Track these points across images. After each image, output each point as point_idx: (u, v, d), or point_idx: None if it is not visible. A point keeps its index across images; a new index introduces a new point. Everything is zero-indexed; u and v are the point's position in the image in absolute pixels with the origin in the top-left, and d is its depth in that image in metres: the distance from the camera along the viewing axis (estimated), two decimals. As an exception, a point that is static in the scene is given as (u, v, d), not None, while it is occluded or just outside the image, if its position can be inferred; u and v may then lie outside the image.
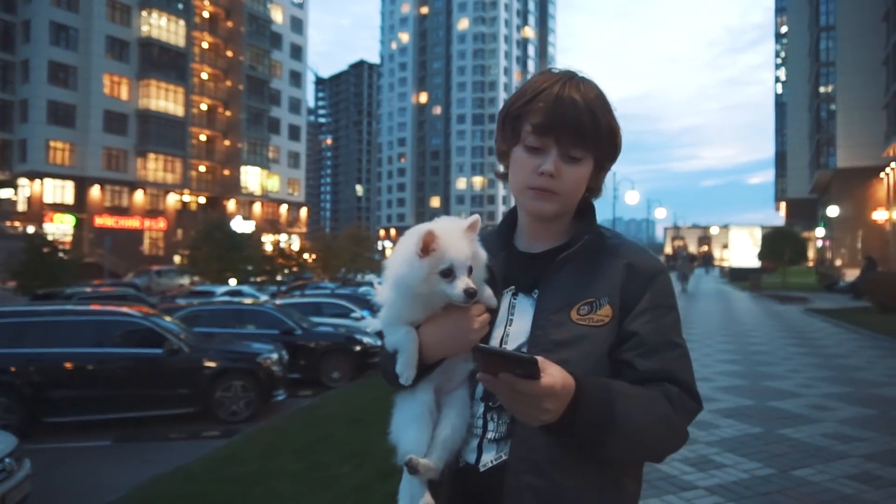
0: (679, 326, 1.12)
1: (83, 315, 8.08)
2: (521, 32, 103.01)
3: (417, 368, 1.10)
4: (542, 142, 1.08)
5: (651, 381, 1.04)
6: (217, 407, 7.57)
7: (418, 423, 1.10)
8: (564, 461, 1.01)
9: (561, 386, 0.89)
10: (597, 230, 1.15)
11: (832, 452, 4.67)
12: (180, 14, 50.10)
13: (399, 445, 1.13)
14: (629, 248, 1.14)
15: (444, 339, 1.10)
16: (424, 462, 1.07)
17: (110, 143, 45.93)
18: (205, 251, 28.41)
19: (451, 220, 1.12)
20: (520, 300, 1.14)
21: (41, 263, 21.78)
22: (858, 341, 10.97)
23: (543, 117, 1.07)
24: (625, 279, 1.09)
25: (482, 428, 1.10)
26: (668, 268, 7.13)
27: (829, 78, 44.46)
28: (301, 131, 64.96)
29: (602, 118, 1.08)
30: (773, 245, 26.18)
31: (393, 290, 1.12)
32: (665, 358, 1.06)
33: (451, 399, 1.13)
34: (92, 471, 5.84)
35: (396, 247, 1.13)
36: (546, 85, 1.09)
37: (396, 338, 1.12)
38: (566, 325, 1.06)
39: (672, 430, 1.03)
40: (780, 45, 77.90)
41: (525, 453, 1.03)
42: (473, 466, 1.08)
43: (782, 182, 72.14)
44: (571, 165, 1.09)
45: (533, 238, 1.19)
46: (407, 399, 1.15)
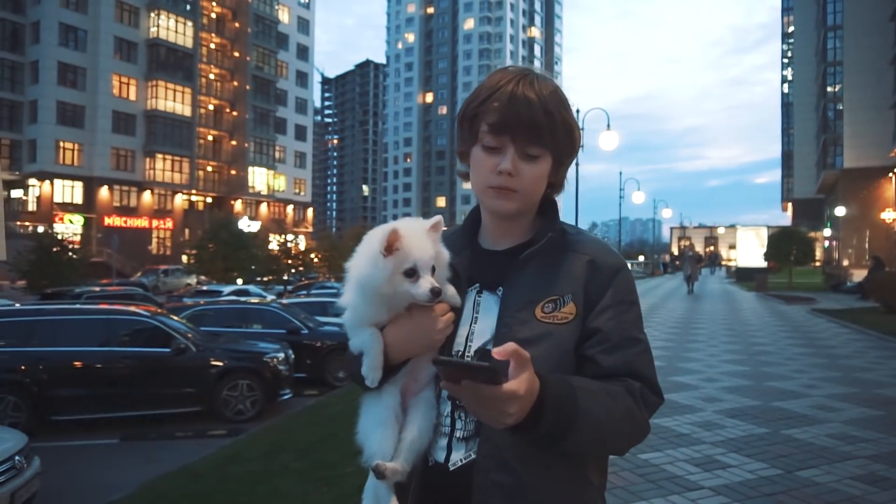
0: (640, 322, 1.13)
1: (91, 314, 8.15)
2: (526, 32, 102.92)
3: (383, 370, 1.10)
4: (499, 141, 1.08)
5: (614, 377, 1.06)
6: (223, 406, 7.61)
7: (384, 427, 1.10)
8: (531, 458, 1.02)
9: (525, 390, 0.89)
10: (559, 227, 1.16)
11: (838, 453, 4.66)
12: (187, 15, 50.31)
13: (365, 448, 1.12)
14: (591, 244, 1.15)
15: (409, 340, 1.10)
16: (391, 466, 1.07)
17: (118, 144, 46.18)
18: (211, 251, 28.51)
19: (414, 220, 1.12)
20: (484, 298, 1.14)
21: (50, 263, 21.90)
22: (865, 342, 10.91)
23: (499, 116, 1.07)
24: (587, 276, 1.10)
25: (450, 426, 1.10)
26: (674, 268, 7.05)
27: (836, 78, 44.22)
28: (307, 131, 65.10)
29: (557, 115, 1.08)
30: (779, 245, 26.06)
31: (356, 291, 1.12)
32: (627, 354, 1.07)
33: (418, 400, 1.13)
34: (99, 468, 5.88)
35: (359, 247, 1.13)
36: (501, 84, 1.09)
37: (361, 340, 1.12)
38: (531, 322, 1.07)
39: (634, 425, 1.05)
40: (787, 44, 77.50)
41: (493, 451, 1.04)
42: (443, 465, 1.09)
43: (788, 182, 71.79)
44: (529, 163, 1.09)
45: (496, 236, 1.19)
46: (373, 401, 1.15)
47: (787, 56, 77.73)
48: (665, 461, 4.51)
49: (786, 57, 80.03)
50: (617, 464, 4.44)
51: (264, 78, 57.15)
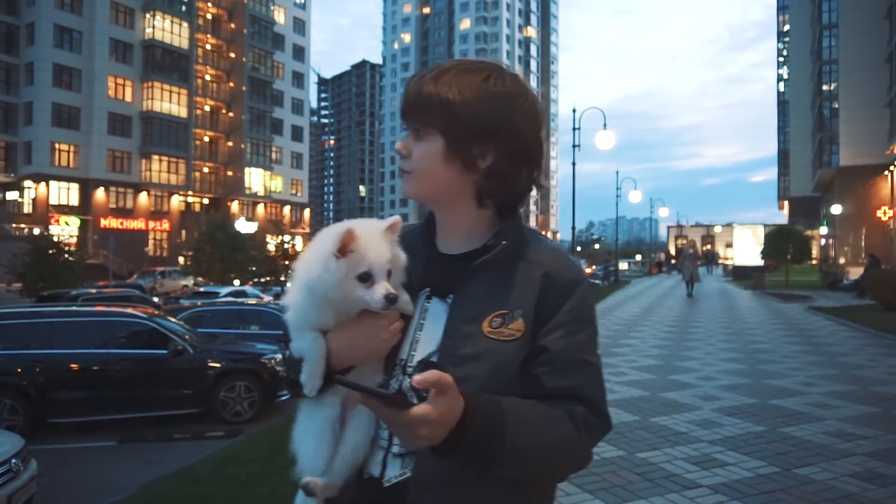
0: (594, 343, 1.07)
1: (88, 316, 8.13)
2: (523, 32, 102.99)
3: (324, 377, 1.05)
4: (404, 126, 1.11)
5: (558, 399, 1.00)
6: (221, 407, 7.60)
7: (319, 440, 1.05)
8: (467, 480, 0.97)
9: (439, 414, 0.85)
10: (517, 233, 1.08)
11: (835, 451, 4.67)
12: (183, 16, 50.23)
13: (298, 461, 1.07)
14: (549, 254, 1.08)
15: (354, 347, 1.04)
16: (322, 484, 1.02)
17: (114, 145, 46.09)
18: (208, 252, 28.50)
19: (370, 221, 1.06)
20: (433, 304, 1.09)
21: (46, 265, 21.87)
22: (861, 339, 10.94)
23: (400, 105, 1.11)
24: (541, 290, 1.04)
25: (388, 440, 1.05)
26: (671, 268, 7.03)
27: (831, 76, 44.37)
28: (304, 132, 65.06)
29: (429, 88, 1.04)
30: (775, 243, 26.11)
31: (303, 292, 1.05)
32: (575, 377, 1.02)
33: (357, 412, 1.06)
34: (97, 471, 5.87)
35: (310, 246, 1.06)
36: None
37: (302, 344, 1.05)
38: (476, 337, 1.01)
39: (571, 452, 1.01)
40: (782, 43, 77.71)
41: (428, 471, 0.99)
42: (377, 480, 1.05)
43: (785, 180, 71.99)
44: (418, 142, 1.07)
45: (449, 237, 1.13)
46: (311, 410, 1.09)
47: (783, 54, 77.93)
48: (663, 460, 4.52)
49: (781, 55, 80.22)
50: (615, 463, 4.45)
51: (260, 79, 57.09)
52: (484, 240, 1.10)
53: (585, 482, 4.07)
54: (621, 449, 4.76)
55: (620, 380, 7.42)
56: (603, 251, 68.23)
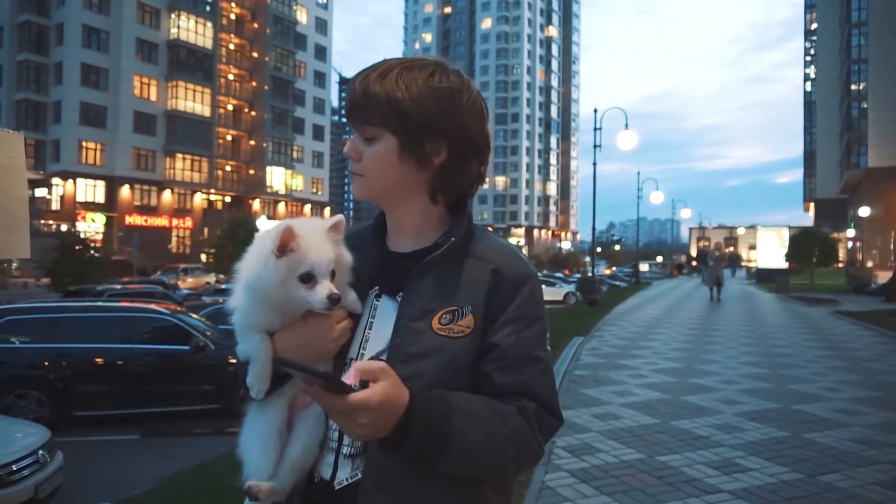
0: (544, 339, 1.07)
1: (113, 311, 8.28)
2: (544, 31, 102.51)
3: (271, 379, 1.04)
4: (350, 127, 1.10)
5: (509, 396, 1.00)
6: (241, 403, 7.66)
7: (264, 444, 1.03)
8: (418, 479, 0.97)
9: (377, 402, 0.85)
10: (467, 230, 1.08)
11: (860, 458, 4.58)
12: (207, 16, 50.86)
13: (243, 465, 1.05)
14: (498, 251, 1.08)
15: (301, 348, 1.02)
16: (267, 488, 1.00)
17: (139, 144, 46.86)
18: (229, 249, 28.81)
19: (312, 220, 1.04)
20: (382, 303, 1.08)
21: (73, 261, 22.28)
22: (890, 345, 10.71)
23: (345, 106, 1.09)
24: (491, 286, 1.03)
25: (338, 441, 1.04)
26: (690, 269, 6.96)
27: (860, 75, 43.47)
28: (325, 131, 65.50)
29: (376, 87, 1.02)
30: (800, 246, 25.68)
31: (246, 294, 1.03)
32: (525, 373, 1.01)
33: (305, 415, 1.05)
34: (119, 464, 5.97)
35: (251, 247, 1.04)
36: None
37: (248, 346, 1.04)
38: (426, 334, 1.01)
39: (521, 448, 0.99)
40: (810, 42, 76.33)
41: (377, 471, 0.98)
42: (328, 483, 1.03)
43: (811, 182, 70.70)
44: (369, 145, 1.06)
45: (400, 236, 1.13)
46: (257, 413, 1.07)
47: (810, 54, 76.53)
48: (683, 464, 4.47)
49: (808, 54, 78.79)
50: (634, 465, 4.41)
51: (282, 78, 57.58)
52: (435, 237, 1.09)
53: (603, 485, 4.04)
54: (641, 452, 4.72)
55: (640, 382, 7.35)
56: (623, 252, 67.65)
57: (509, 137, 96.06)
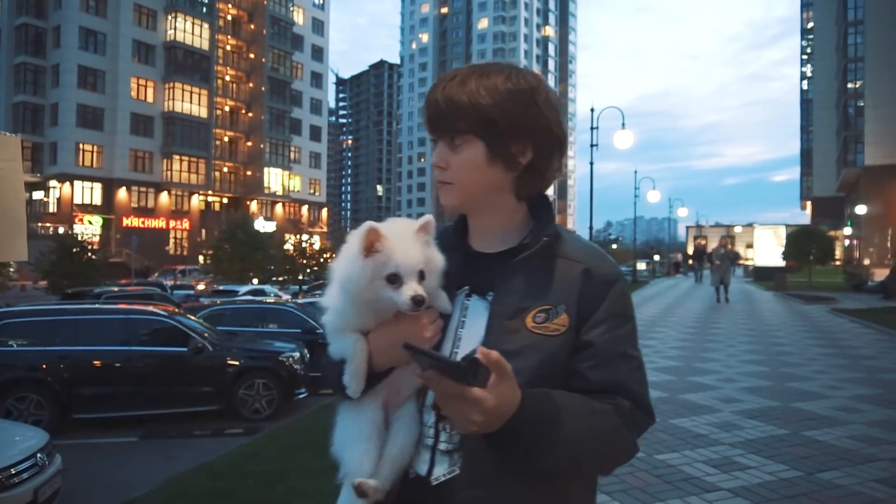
0: (635, 337, 1.09)
1: (111, 314, 8.27)
2: (541, 31, 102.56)
3: (366, 379, 1.06)
4: (433, 137, 1.11)
5: (603, 393, 1.02)
6: (240, 405, 7.67)
7: (367, 443, 1.04)
8: (515, 475, 0.98)
9: (495, 403, 0.87)
10: (555, 231, 1.10)
11: (860, 455, 4.59)
12: (204, 17, 50.83)
13: (344, 464, 1.07)
14: (587, 251, 1.10)
15: (394, 348, 1.01)
16: (373, 485, 1.01)
17: (137, 145, 46.82)
18: (228, 251, 28.79)
19: (402, 221, 1.05)
20: (473, 302, 1.09)
21: (71, 263, 22.28)
22: (888, 342, 10.72)
23: (424, 116, 1.10)
24: (582, 286, 1.05)
25: (433, 438, 1.05)
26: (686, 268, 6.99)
27: (857, 74, 43.54)
28: (322, 132, 65.46)
29: (459, 95, 1.05)
30: (798, 244, 25.67)
31: (340, 293, 1.05)
32: (618, 370, 1.03)
33: (400, 414, 1.07)
34: (120, 466, 5.96)
35: (343, 246, 1.06)
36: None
37: (344, 346, 1.05)
38: (520, 332, 1.02)
39: (618, 445, 1.02)
40: (806, 40, 76.45)
41: (475, 466, 0.99)
42: (424, 479, 1.04)
43: (808, 180, 70.83)
44: (456, 153, 1.07)
45: (483, 237, 1.14)
46: (353, 412, 1.09)
47: (807, 52, 76.65)
48: (683, 462, 4.47)
49: (805, 53, 78.90)
50: (634, 465, 4.41)
51: (280, 79, 57.55)
52: (519, 237, 1.12)
53: (602, 484, 4.04)
54: (640, 450, 4.72)
55: (639, 381, 7.35)
56: (621, 251, 67.69)
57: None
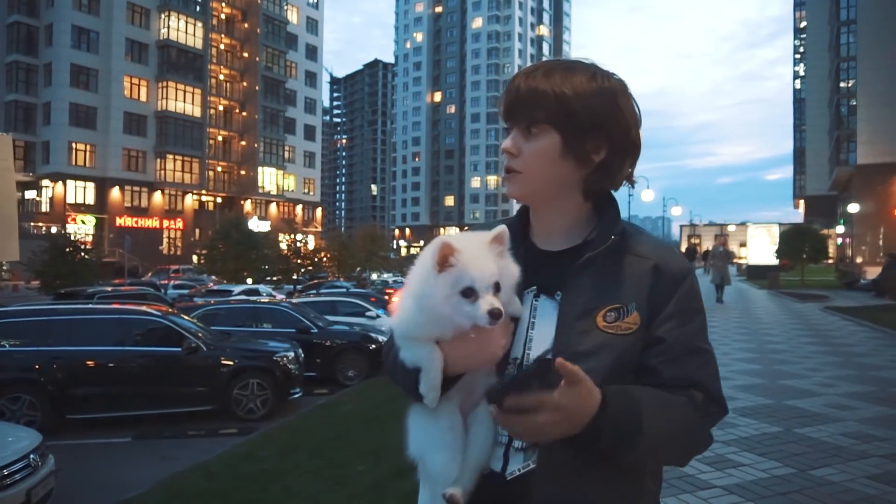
0: (705, 330, 1.09)
1: (105, 314, 8.23)
2: (535, 30, 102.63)
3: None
4: (509, 126, 1.10)
5: (676, 388, 1.02)
6: (234, 405, 7.65)
7: (450, 451, 1.04)
8: (590, 469, 0.99)
9: (571, 404, 0.89)
10: (622, 228, 1.09)
11: (853, 452, 4.61)
12: (198, 16, 50.65)
13: (430, 471, 1.07)
14: (656, 247, 1.09)
15: (469, 356, 1.03)
16: (461, 495, 1.02)
17: (130, 145, 46.61)
18: (222, 251, 28.68)
19: (474, 233, 1.03)
20: (542, 302, 1.08)
21: (64, 263, 22.13)
22: (881, 340, 10.80)
23: (502, 103, 1.10)
24: (652, 282, 1.04)
25: (508, 436, 1.05)
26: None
27: (849, 73, 43.77)
28: (316, 131, 65.34)
29: (543, 85, 1.04)
30: (791, 242, 25.80)
31: (414, 307, 1.04)
32: (690, 365, 1.03)
33: (475, 416, 1.07)
34: (113, 467, 5.94)
35: (418, 258, 1.06)
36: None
37: (419, 355, 1.04)
38: (592, 332, 1.02)
39: (695, 437, 1.03)
40: (799, 39, 76.80)
41: (551, 463, 1.00)
42: (500, 475, 1.05)
43: (801, 179, 71.17)
44: (529, 141, 1.06)
45: (547, 234, 1.13)
46: (430, 417, 1.08)
47: (800, 51, 77.01)
48: (677, 460, 4.49)
49: (798, 52, 79.28)
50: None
51: (274, 78, 57.40)
52: (583, 234, 1.11)
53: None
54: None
55: (634, 379, 7.37)
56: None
57: (501, 136, 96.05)
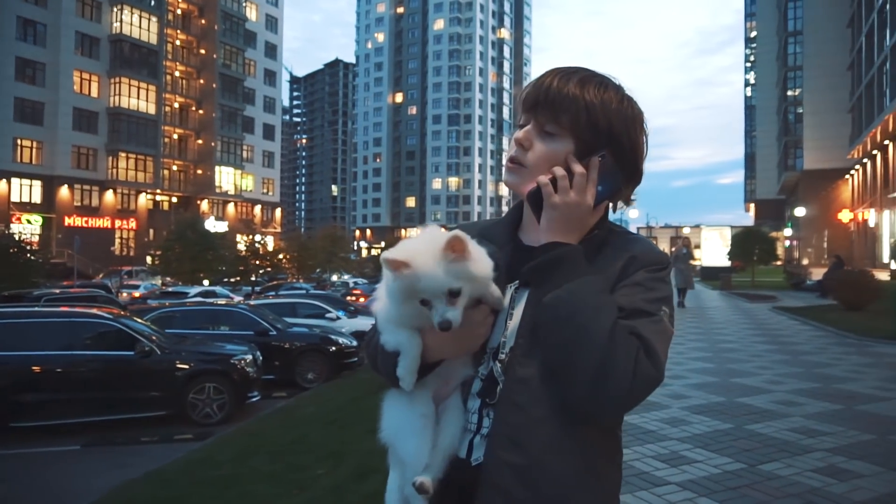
0: (665, 309, 1.06)
1: (52, 317, 7.93)
2: (496, 34, 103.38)
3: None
4: (526, 117, 1.11)
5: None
6: (190, 409, 7.47)
7: (420, 437, 1.08)
8: (545, 439, 1.02)
9: (566, 199, 1.04)
10: (607, 226, 1.13)
11: (799, 446, 4.78)
12: (152, 11, 49.26)
13: (400, 455, 1.10)
14: (637, 242, 1.12)
15: (448, 345, 1.07)
16: (431, 481, 1.05)
17: (80, 142, 44.97)
18: (177, 251, 28.00)
19: (429, 239, 1.03)
20: (520, 294, 1.12)
21: (7, 264, 21.22)
22: (825, 338, 11.23)
23: (525, 95, 1.11)
24: (624, 267, 1.07)
25: (477, 424, 1.09)
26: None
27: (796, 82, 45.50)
28: (276, 130, 64.34)
29: (582, 99, 1.06)
30: (742, 245, 26.65)
31: (389, 300, 1.08)
32: (637, 321, 1.01)
33: (448, 405, 1.11)
34: (61, 476, 5.72)
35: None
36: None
37: (399, 340, 1.08)
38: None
39: (625, 351, 0.97)
40: (750, 48, 79.43)
41: (505, 430, 1.04)
42: (465, 461, 1.08)
43: (752, 183, 73.61)
44: (544, 140, 1.09)
45: (536, 230, 1.14)
46: (404, 403, 1.11)
47: (750, 60, 79.63)
48: (633, 458, 4.58)
49: (749, 61, 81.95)
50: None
51: (232, 76, 56.29)
52: None
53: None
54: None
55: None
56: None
57: (462, 138, 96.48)
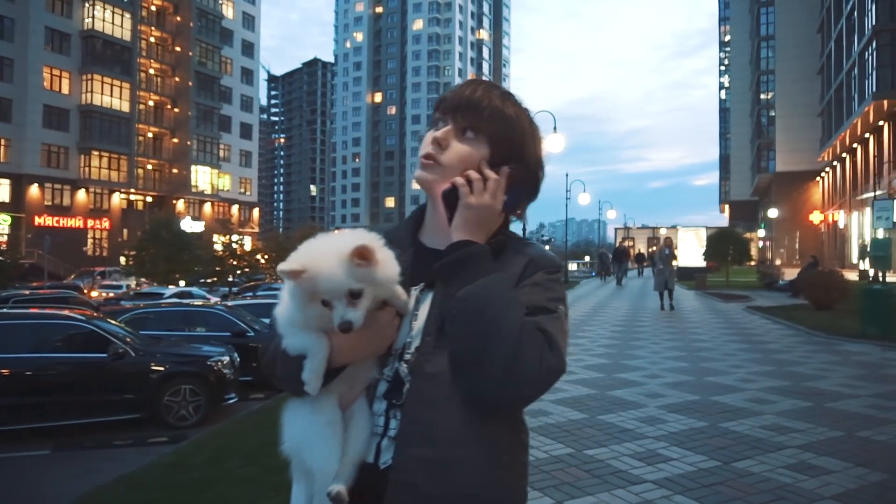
0: (561, 307, 1.12)
1: (21, 319, 7.76)
2: (475, 34, 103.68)
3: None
4: (444, 118, 1.16)
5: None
6: (165, 412, 7.36)
7: (330, 445, 1.05)
8: (456, 433, 1.03)
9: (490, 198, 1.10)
10: (507, 232, 1.19)
11: (771, 444, 4.88)
12: (125, 7, 48.44)
13: (313, 469, 1.07)
14: (533, 247, 1.17)
15: (355, 346, 1.07)
16: (345, 490, 1.03)
17: (50, 140, 44.04)
18: (151, 252, 27.56)
19: (335, 241, 1.04)
20: (425, 296, 1.15)
21: (-26, 265, 20.74)
22: (795, 337, 11.46)
23: (448, 97, 1.17)
24: (524, 269, 1.12)
25: (383, 426, 1.09)
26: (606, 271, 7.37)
27: (768, 86, 46.41)
28: (253, 130, 63.70)
29: (497, 102, 1.14)
30: (717, 245, 27.06)
31: (291, 301, 1.06)
32: (537, 317, 1.07)
33: (355, 410, 1.09)
34: (30, 481, 5.59)
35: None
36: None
37: (304, 342, 1.06)
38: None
39: (528, 341, 1.02)
40: (724, 52, 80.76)
41: (415, 426, 1.04)
42: (373, 465, 1.08)
43: (726, 184, 74.86)
44: (462, 142, 1.14)
45: (438, 233, 1.18)
46: (309, 411, 1.08)
47: (724, 63, 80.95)
48: (610, 456, 4.63)
49: (723, 64, 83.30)
50: (563, 460, 4.54)
51: (208, 74, 55.60)
52: None
53: (534, 480, 4.12)
54: (569, 447, 4.85)
55: (569, 378, 7.55)
56: (553, 252, 69.24)
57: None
